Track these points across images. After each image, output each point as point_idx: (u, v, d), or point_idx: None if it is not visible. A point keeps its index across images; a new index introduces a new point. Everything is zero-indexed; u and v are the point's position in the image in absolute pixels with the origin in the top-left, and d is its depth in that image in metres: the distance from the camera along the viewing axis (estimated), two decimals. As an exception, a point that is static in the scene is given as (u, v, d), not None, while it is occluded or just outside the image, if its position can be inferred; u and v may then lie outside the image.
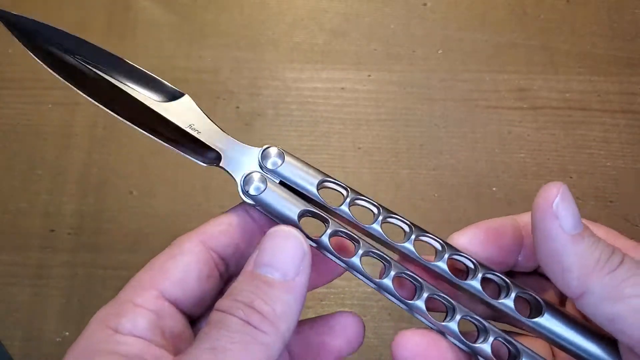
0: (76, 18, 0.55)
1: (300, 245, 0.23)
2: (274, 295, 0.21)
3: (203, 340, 0.21)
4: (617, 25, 0.55)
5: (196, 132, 0.27)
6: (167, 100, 0.27)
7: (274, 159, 0.26)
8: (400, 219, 0.26)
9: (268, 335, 0.21)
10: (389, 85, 0.53)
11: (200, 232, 0.26)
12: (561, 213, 0.22)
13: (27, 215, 0.49)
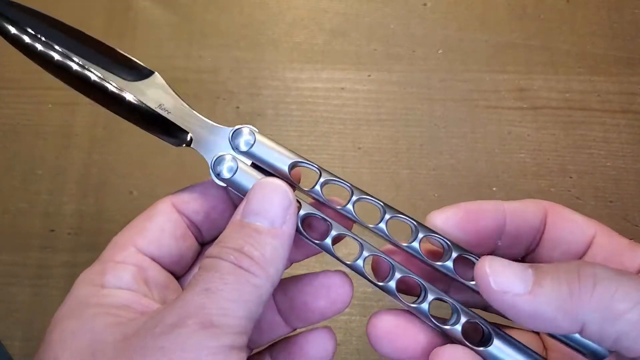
0: (76, 18, 0.55)
1: (287, 195, 0.23)
2: (263, 241, 0.22)
3: (196, 284, 0.21)
4: (617, 25, 0.55)
5: (166, 112, 0.26)
6: (136, 79, 0.27)
7: (246, 139, 0.26)
8: (372, 199, 0.26)
9: (258, 277, 0.21)
10: (389, 85, 0.53)
11: (174, 196, 0.27)
12: (505, 285, 0.21)
13: (27, 215, 0.49)
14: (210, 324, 0.20)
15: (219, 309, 0.20)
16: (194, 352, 0.19)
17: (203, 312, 0.20)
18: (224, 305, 0.20)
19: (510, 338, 0.24)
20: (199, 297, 0.21)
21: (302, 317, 0.27)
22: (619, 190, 0.50)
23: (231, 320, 0.20)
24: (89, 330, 0.21)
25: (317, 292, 0.26)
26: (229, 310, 0.21)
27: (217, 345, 0.20)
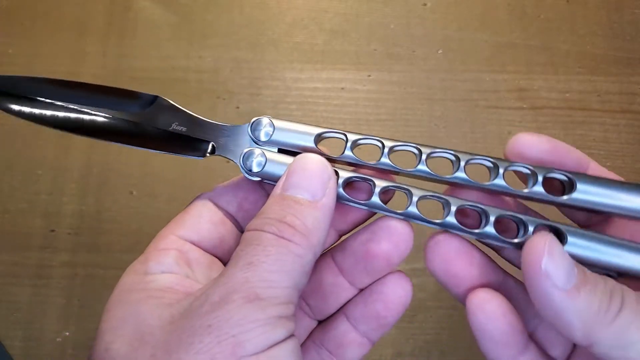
0: (76, 18, 0.55)
1: (326, 167, 0.24)
2: (305, 212, 0.22)
3: (239, 258, 0.21)
4: (617, 25, 0.55)
5: (181, 129, 0.26)
6: (143, 108, 0.27)
7: (266, 129, 0.26)
8: (405, 144, 0.26)
9: (301, 246, 0.22)
10: (389, 85, 0.53)
11: (210, 191, 0.27)
12: (551, 271, 0.21)
13: (27, 215, 0.49)
14: (256, 297, 0.20)
15: (262, 281, 0.20)
16: (241, 326, 0.19)
17: (247, 285, 0.20)
18: (268, 277, 0.20)
19: (584, 232, 0.23)
20: (242, 272, 0.21)
21: (367, 268, 0.26)
22: (619, 190, 0.50)
23: (276, 291, 0.20)
24: (135, 316, 0.22)
25: (379, 236, 0.26)
26: (273, 282, 0.20)
27: (264, 317, 0.20)
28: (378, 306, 0.26)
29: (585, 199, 0.24)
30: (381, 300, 0.26)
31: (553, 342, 0.27)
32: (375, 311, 0.27)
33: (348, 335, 0.27)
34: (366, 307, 0.27)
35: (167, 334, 0.20)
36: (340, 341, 0.27)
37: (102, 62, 0.53)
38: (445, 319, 0.46)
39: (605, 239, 0.23)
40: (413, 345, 0.46)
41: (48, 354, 0.45)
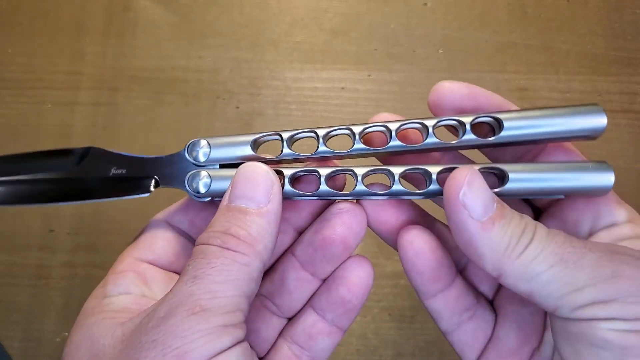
0: (75, 18, 0.55)
1: (268, 175, 0.24)
2: (249, 220, 0.23)
3: (185, 273, 0.22)
4: (618, 25, 0.55)
5: (120, 172, 0.26)
6: (79, 162, 0.26)
7: (203, 150, 0.26)
8: (338, 129, 0.26)
9: (246, 255, 0.22)
10: (389, 85, 0.53)
11: (162, 212, 0.29)
12: (468, 202, 0.22)
13: (27, 216, 0.49)
14: (200, 309, 0.20)
15: (207, 292, 0.21)
16: (185, 338, 0.20)
17: (192, 299, 0.20)
18: (212, 288, 0.21)
19: (524, 164, 0.24)
20: (187, 286, 0.21)
21: (327, 256, 0.27)
22: (620, 190, 0.50)
23: (221, 300, 0.21)
24: (89, 338, 0.22)
25: (332, 223, 0.26)
26: (218, 292, 0.21)
27: (208, 327, 0.20)
28: (342, 291, 0.27)
29: (515, 133, 0.25)
30: (344, 285, 0.27)
31: (481, 278, 0.28)
32: (340, 296, 0.27)
33: (316, 325, 0.27)
34: (330, 294, 0.27)
35: (117, 352, 0.21)
36: (309, 333, 0.27)
37: (101, 62, 0.53)
38: (446, 319, 0.46)
39: (543, 166, 0.24)
40: (413, 345, 0.46)
41: (47, 354, 0.45)
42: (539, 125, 0.25)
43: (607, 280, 0.20)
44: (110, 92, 0.52)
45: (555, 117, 0.25)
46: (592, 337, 0.20)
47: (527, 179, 0.24)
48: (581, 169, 0.24)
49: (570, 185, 0.24)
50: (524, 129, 0.25)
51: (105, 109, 0.52)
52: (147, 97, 0.52)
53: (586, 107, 0.25)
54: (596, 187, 0.24)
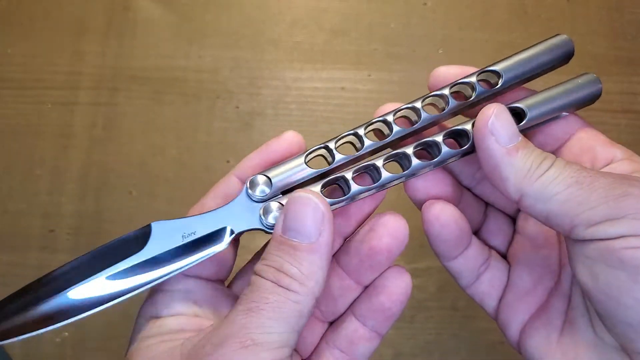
0: (76, 18, 0.55)
1: (318, 207, 0.24)
2: (300, 257, 0.23)
3: (241, 303, 0.23)
4: (618, 24, 0.55)
5: (192, 235, 0.26)
6: (145, 242, 0.26)
7: (261, 188, 0.26)
8: (348, 134, 0.28)
9: (298, 294, 0.23)
10: (389, 85, 0.53)
11: (202, 205, 0.29)
12: (496, 130, 0.24)
13: (27, 216, 0.49)
14: (251, 342, 0.21)
15: (259, 327, 0.22)
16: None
17: (244, 331, 0.22)
18: (265, 323, 0.22)
19: (535, 95, 0.28)
20: (241, 318, 0.22)
21: (372, 264, 0.28)
22: (620, 190, 0.50)
23: (272, 337, 0.22)
24: (152, 359, 0.23)
25: (379, 233, 0.27)
26: (269, 328, 0.22)
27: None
28: (382, 299, 0.28)
29: (514, 74, 0.28)
30: (385, 294, 0.28)
31: (495, 233, 0.31)
32: (380, 304, 0.28)
33: (358, 332, 0.28)
34: (372, 302, 0.28)
35: None
36: (350, 339, 0.28)
37: (101, 62, 0.53)
38: (446, 319, 0.46)
39: (546, 94, 0.28)
40: (413, 345, 0.46)
41: (47, 355, 0.45)
42: (531, 61, 0.28)
43: (618, 199, 0.22)
44: (110, 92, 0.52)
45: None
46: (607, 257, 0.21)
47: (541, 105, 0.27)
48: (574, 84, 0.28)
49: (571, 100, 0.28)
50: (522, 66, 0.28)
51: (105, 108, 0.52)
52: (147, 97, 0.52)
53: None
54: (591, 94, 0.29)
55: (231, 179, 0.28)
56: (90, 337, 0.46)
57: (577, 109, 0.29)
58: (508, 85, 0.28)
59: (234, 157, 0.51)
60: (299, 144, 0.28)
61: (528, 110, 0.27)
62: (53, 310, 0.25)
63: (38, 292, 0.26)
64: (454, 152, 0.27)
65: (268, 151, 0.28)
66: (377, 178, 0.27)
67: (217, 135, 0.51)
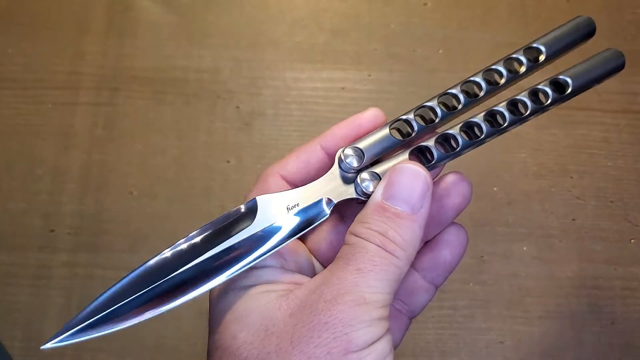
0: (76, 18, 0.55)
1: (426, 180, 0.26)
2: (404, 226, 0.25)
3: (348, 262, 0.24)
4: (618, 24, 0.55)
5: (296, 206, 0.27)
6: (252, 218, 0.27)
7: (353, 158, 0.28)
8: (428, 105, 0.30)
9: (400, 259, 0.25)
10: (389, 85, 0.53)
11: (282, 167, 0.29)
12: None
13: (27, 215, 0.49)
14: (364, 301, 0.23)
15: (369, 287, 0.24)
16: (352, 326, 0.23)
17: (357, 289, 0.23)
18: (374, 284, 0.24)
19: (576, 67, 0.31)
20: (353, 276, 0.24)
21: (441, 220, 0.29)
22: (620, 190, 0.50)
23: (379, 296, 0.24)
24: (258, 308, 0.25)
25: (451, 192, 0.29)
26: (378, 288, 0.24)
27: (369, 318, 0.23)
28: (445, 253, 0.30)
29: (552, 50, 0.31)
30: (448, 248, 0.30)
31: None
32: (443, 258, 0.30)
33: (417, 283, 0.30)
34: (435, 256, 0.30)
35: (289, 326, 0.23)
36: (411, 290, 0.30)
37: (102, 62, 0.53)
38: (446, 318, 0.46)
39: (583, 65, 0.31)
40: (413, 345, 0.46)
41: (48, 354, 0.45)
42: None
43: None
44: (111, 92, 0.52)
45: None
46: None
47: (580, 80, 0.30)
48: (603, 57, 0.32)
49: (602, 72, 0.31)
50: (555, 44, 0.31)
51: (105, 108, 0.52)
52: (148, 97, 0.52)
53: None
54: (618, 65, 0.32)
55: (316, 147, 0.29)
56: (91, 337, 0.46)
57: (606, 78, 0.32)
58: (546, 62, 0.30)
59: (234, 157, 0.51)
60: (382, 118, 0.30)
61: (571, 81, 0.29)
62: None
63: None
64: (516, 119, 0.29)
65: (354, 124, 0.29)
66: (455, 146, 0.28)
67: (217, 135, 0.51)
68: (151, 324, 0.46)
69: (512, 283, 0.47)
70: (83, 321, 0.26)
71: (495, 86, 0.29)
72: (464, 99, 0.29)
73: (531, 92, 0.30)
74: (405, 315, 0.31)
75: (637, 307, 0.47)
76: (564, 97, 0.30)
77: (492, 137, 0.29)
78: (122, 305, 0.26)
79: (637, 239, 0.49)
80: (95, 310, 0.26)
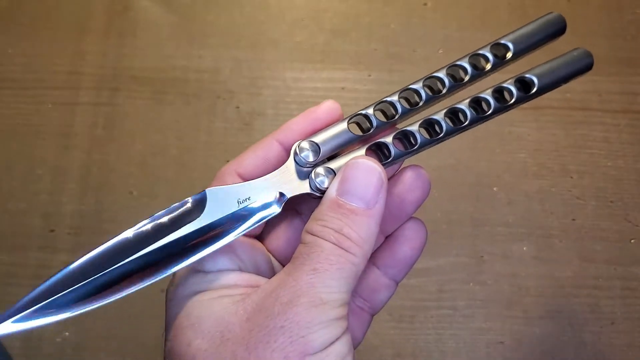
0: (76, 18, 0.55)
1: (381, 177, 0.25)
2: (359, 222, 0.25)
3: (304, 262, 0.24)
4: (618, 24, 0.55)
5: (247, 200, 0.27)
6: (201, 210, 0.26)
7: (309, 152, 0.27)
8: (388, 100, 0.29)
9: (357, 256, 0.24)
10: (389, 85, 0.53)
11: (238, 164, 0.28)
12: None
13: (27, 215, 0.49)
14: (320, 302, 0.23)
15: (325, 287, 0.23)
16: (309, 328, 0.22)
17: (313, 290, 0.23)
18: (330, 283, 0.23)
19: (542, 65, 0.30)
20: (309, 276, 0.23)
21: (400, 215, 0.29)
22: (620, 190, 0.50)
23: (336, 295, 0.23)
24: (213, 314, 0.24)
25: (411, 186, 0.28)
26: (334, 288, 0.23)
27: (326, 319, 0.23)
28: (405, 249, 0.29)
29: (520, 48, 0.31)
30: (406, 243, 0.29)
31: None
32: (403, 254, 0.29)
33: (379, 280, 0.30)
34: (394, 252, 0.29)
35: (245, 331, 0.23)
36: (372, 287, 0.30)
37: (102, 62, 0.53)
38: (446, 319, 0.46)
39: (551, 64, 0.30)
40: (413, 345, 0.46)
41: (48, 354, 0.45)
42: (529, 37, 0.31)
43: None
44: (111, 92, 0.52)
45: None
46: None
47: (546, 79, 0.30)
48: (571, 57, 0.31)
49: (570, 71, 0.30)
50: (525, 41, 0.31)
51: (105, 108, 0.52)
52: (148, 97, 0.52)
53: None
54: (586, 65, 0.31)
55: (272, 142, 0.28)
56: (90, 337, 0.46)
57: (573, 78, 0.31)
58: (513, 59, 0.30)
59: (234, 157, 0.51)
60: (338, 111, 0.29)
61: (537, 79, 0.29)
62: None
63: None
64: (478, 117, 0.29)
65: (310, 118, 0.28)
66: (413, 143, 0.28)
67: (217, 135, 0.51)
68: (151, 324, 0.46)
69: (512, 283, 0.47)
70: (23, 310, 0.24)
71: (459, 82, 0.29)
72: (425, 95, 0.29)
73: (495, 90, 0.29)
74: (366, 312, 0.30)
75: (637, 307, 0.47)
76: (528, 96, 0.29)
77: (452, 135, 0.28)
78: (64, 295, 0.25)
79: (637, 239, 0.49)
80: (35, 298, 0.24)
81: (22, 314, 0.24)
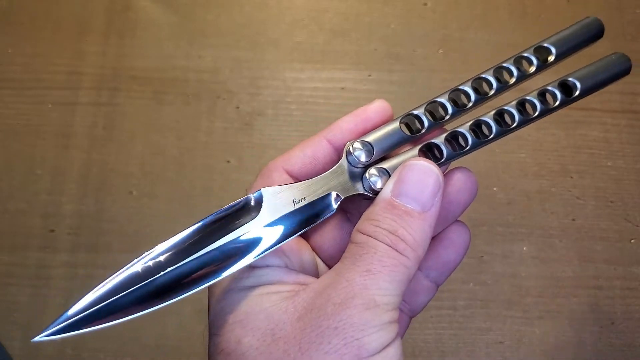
0: (76, 18, 0.55)
1: (438, 179, 0.25)
2: (415, 225, 0.24)
3: (357, 263, 0.23)
4: (618, 24, 0.55)
5: (303, 200, 0.26)
6: (258, 208, 0.26)
7: (361, 153, 0.27)
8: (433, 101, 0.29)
9: (410, 260, 0.24)
10: (389, 85, 0.53)
11: (285, 161, 0.28)
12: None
13: (27, 215, 0.49)
14: (374, 304, 0.22)
15: (379, 289, 0.23)
16: (363, 331, 0.22)
17: (366, 292, 0.22)
18: (384, 286, 0.23)
19: (581, 70, 0.30)
20: (362, 278, 0.23)
21: (448, 217, 0.28)
22: (620, 190, 0.50)
23: (389, 298, 0.23)
24: (263, 310, 0.23)
25: (460, 188, 0.28)
26: (388, 290, 0.23)
27: (380, 322, 0.22)
28: (449, 252, 0.29)
29: (561, 51, 0.30)
30: (451, 246, 0.29)
31: None
32: (447, 257, 0.29)
33: (420, 283, 0.29)
34: (438, 255, 0.29)
35: (297, 330, 0.22)
36: (413, 289, 0.29)
37: (102, 62, 0.53)
38: (446, 318, 0.46)
39: (589, 68, 0.30)
40: (413, 345, 0.46)
41: (48, 354, 0.45)
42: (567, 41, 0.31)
43: None
44: (111, 92, 0.52)
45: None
46: None
47: (587, 82, 0.29)
48: (609, 61, 0.31)
49: (608, 75, 0.30)
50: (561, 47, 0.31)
51: (105, 108, 0.52)
52: (148, 97, 0.52)
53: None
54: (623, 69, 0.30)
55: (321, 140, 0.28)
56: (90, 337, 0.46)
57: (612, 82, 0.31)
58: (554, 62, 0.30)
59: (234, 157, 0.51)
60: (389, 111, 0.29)
61: (579, 83, 0.29)
62: None
63: None
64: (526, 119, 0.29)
65: (360, 118, 0.28)
66: (463, 145, 0.28)
67: (217, 135, 0.51)
68: (151, 324, 0.46)
69: (512, 283, 0.47)
70: (76, 315, 0.23)
71: (504, 85, 0.29)
72: (474, 97, 0.29)
73: (540, 93, 0.29)
74: (406, 314, 0.30)
75: (637, 307, 0.47)
76: (570, 99, 0.29)
77: (499, 137, 0.28)
78: (117, 299, 0.24)
79: (637, 239, 0.49)
80: (90, 304, 0.24)
81: (78, 317, 0.23)
